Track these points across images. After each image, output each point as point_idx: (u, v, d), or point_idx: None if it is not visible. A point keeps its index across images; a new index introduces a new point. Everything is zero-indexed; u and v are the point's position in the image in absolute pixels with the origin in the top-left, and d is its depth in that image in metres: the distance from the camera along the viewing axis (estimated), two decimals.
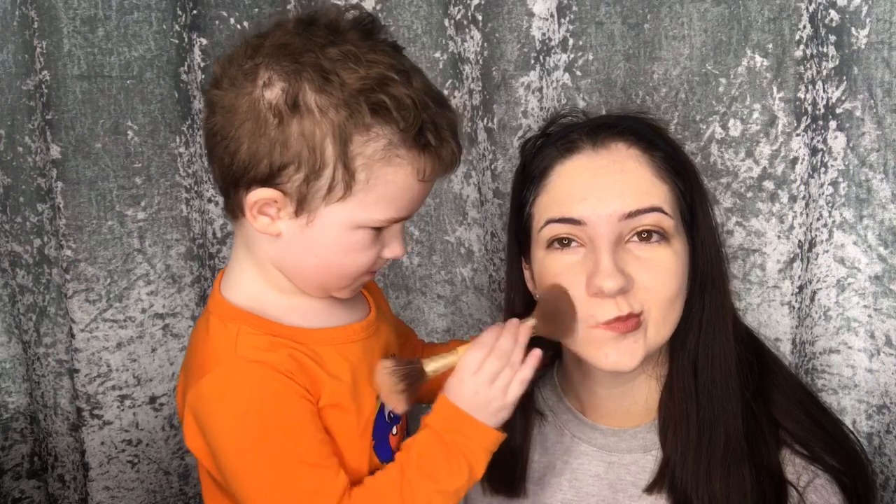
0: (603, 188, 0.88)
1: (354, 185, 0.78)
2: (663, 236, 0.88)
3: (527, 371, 0.85)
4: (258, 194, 0.79)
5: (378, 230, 0.83)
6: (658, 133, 0.94)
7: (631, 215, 0.87)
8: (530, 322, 0.88)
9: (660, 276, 0.87)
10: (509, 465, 0.98)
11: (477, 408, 0.83)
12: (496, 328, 0.87)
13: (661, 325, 0.88)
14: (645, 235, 0.87)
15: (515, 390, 0.84)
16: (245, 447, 0.79)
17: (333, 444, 0.83)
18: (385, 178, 0.79)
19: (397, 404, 0.84)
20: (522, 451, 0.99)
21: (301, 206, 0.79)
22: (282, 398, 0.79)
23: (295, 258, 0.83)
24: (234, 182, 0.81)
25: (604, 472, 0.95)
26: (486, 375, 0.83)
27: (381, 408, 0.89)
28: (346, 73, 0.77)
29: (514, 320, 0.88)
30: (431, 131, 0.80)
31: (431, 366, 0.86)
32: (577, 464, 0.97)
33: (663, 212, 0.88)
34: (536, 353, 0.86)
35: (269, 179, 0.79)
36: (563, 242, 0.89)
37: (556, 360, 1.04)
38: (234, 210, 0.84)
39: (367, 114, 0.77)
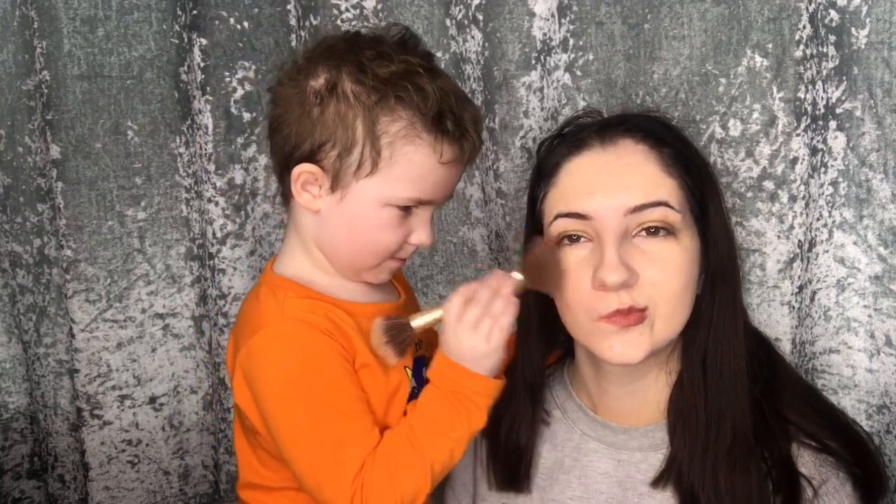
0: (609, 183, 0.88)
1: (380, 161, 0.90)
2: (670, 231, 0.88)
3: (505, 318, 0.90)
4: (300, 168, 0.92)
5: (405, 211, 0.93)
6: (669, 130, 0.94)
7: (637, 209, 0.87)
8: (514, 273, 0.92)
9: (666, 271, 0.87)
10: (514, 462, 0.99)
11: (465, 355, 0.90)
12: (462, 287, 0.92)
13: (668, 320, 0.88)
14: (652, 230, 0.88)
15: (497, 337, 0.89)
16: (289, 396, 0.89)
17: (369, 402, 0.91)
18: (406, 156, 0.91)
19: (386, 357, 0.91)
20: (527, 447, 0.99)
21: (336, 181, 0.91)
22: (323, 354, 0.90)
23: (330, 234, 0.94)
24: (285, 164, 0.94)
25: (613, 469, 0.95)
26: (467, 323, 0.89)
27: (418, 374, 0.97)
28: (379, 68, 0.90)
29: (498, 271, 0.93)
30: (451, 119, 0.91)
31: (417, 320, 0.92)
32: (586, 461, 0.98)
33: (669, 206, 0.88)
34: (514, 301, 0.91)
35: (310, 156, 0.92)
36: (572, 238, 0.90)
37: (566, 357, 1.05)
38: (286, 193, 0.96)
39: (392, 98, 0.89)
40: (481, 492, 1.03)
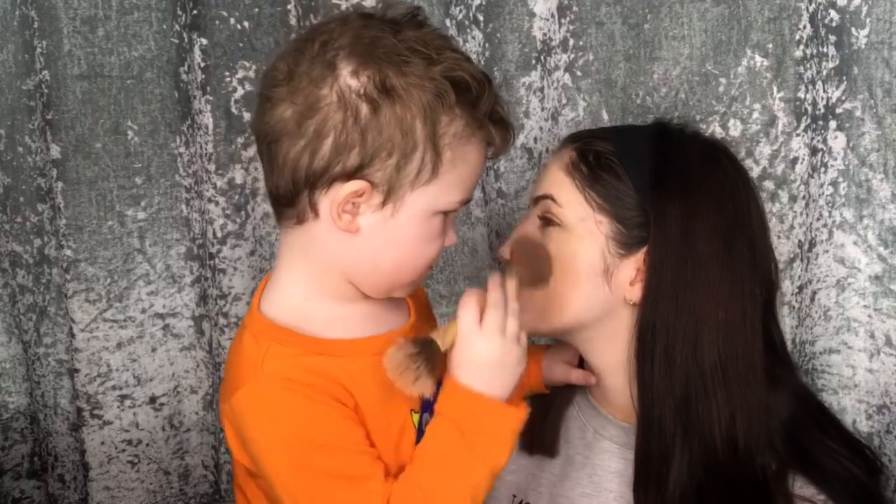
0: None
1: (441, 167, 0.79)
2: (552, 222, 0.94)
3: (520, 317, 0.82)
4: (348, 188, 0.78)
5: (446, 214, 0.83)
6: (628, 142, 0.96)
7: (534, 201, 0.98)
8: (513, 274, 0.86)
9: None
10: (543, 425, 1.02)
11: (497, 367, 0.79)
12: (468, 293, 0.84)
13: (542, 306, 0.95)
14: (543, 220, 0.96)
15: (523, 338, 0.82)
16: (281, 462, 0.78)
17: (374, 447, 0.80)
18: (465, 157, 0.81)
19: (424, 388, 0.78)
20: (558, 411, 1.03)
21: (389, 194, 0.79)
22: (309, 413, 0.78)
23: (372, 254, 0.82)
24: (310, 182, 0.79)
25: (624, 469, 0.96)
26: (492, 327, 0.79)
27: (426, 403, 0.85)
28: (421, 58, 0.77)
29: (496, 275, 0.86)
30: (500, 107, 0.82)
31: (441, 340, 0.80)
32: (598, 459, 0.99)
33: (553, 200, 0.94)
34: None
35: (358, 170, 0.78)
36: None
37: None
38: (301, 214, 0.81)
39: (451, 93, 0.77)
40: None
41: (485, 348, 0.79)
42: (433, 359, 0.78)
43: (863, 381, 1.22)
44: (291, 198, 0.81)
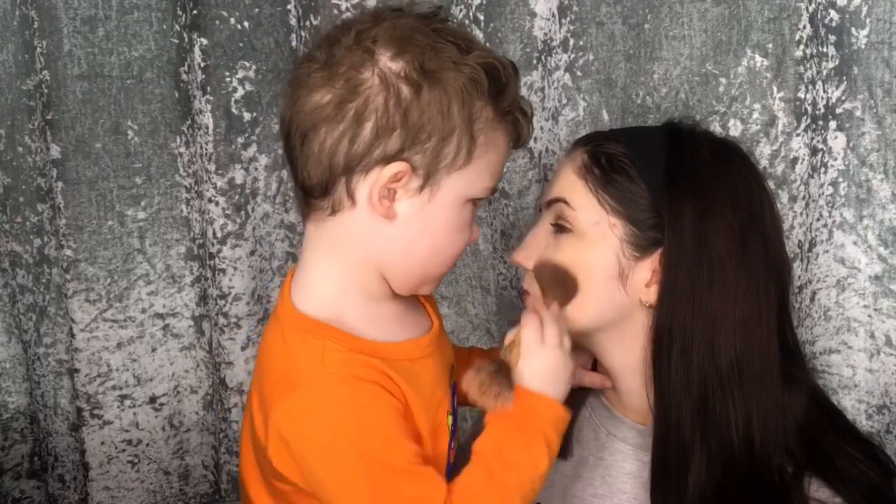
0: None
1: (475, 150, 0.80)
2: (564, 228, 0.94)
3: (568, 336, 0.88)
4: (390, 170, 0.79)
5: (474, 204, 0.85)
6: (637, 142, 0.96)
7: (546, 204, 0.97)
8: (552, 301, 0.91)
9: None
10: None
11: (554, 376, 0.84)
12: (528, 313, 0.90)
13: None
14: (555, 225, 0.95)
15: (573, 352, 0.88)
16: (344, 463, 0.78)
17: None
18: (495, 142, 0.83)
19: (506, 402, 0.83)
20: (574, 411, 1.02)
21: (427, 178, 0.80)
22: (376, 408, 0.79)
23: (407, 243, 0.82)
24: (349, 168, 0.79)
25: (637, 470, 0.96)
26: (552, 342, 0.85)
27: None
28: (452, 46, 0.79)
29: (538, 303, 0.92)
30: (524, 99, 0.85)
31: (507, 358, 0.87)
32: (611, 460, 0.98)
33: (566, 203, 0.94)
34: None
35: (399, 153, 0.78)
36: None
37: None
38: (337, 203, 0.81)
39: (484, 78, 0.79)
40: None
41: (546, 359, 0.85)
42: (509, 376, 0.85)
43: (863, 381, 1.22)
44: (326, 187, 0.81)
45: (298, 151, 0.82)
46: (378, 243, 0.82)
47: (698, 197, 0.91)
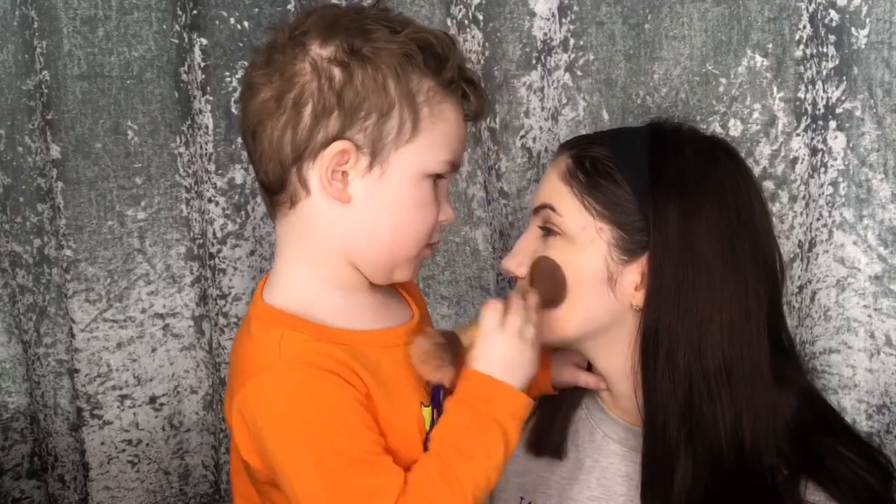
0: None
1: (420, 123, 0.82)
2: (552, 232, 0.94)
3: (536, 326, 0.87)
4: (332, 149, 0.80)
5: (436, 182, 0.85)
6: (622, 144, 0.96)
7: (535, 210, 0.97)
8: (535, 291, 0.91)
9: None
10: (551, 426, 1.03)
11: (513, 364, 0.84)
12: (495, 299, 0.89)
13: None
14: (544, 230, 0.95)
15: (537, 345, 0.87)
16: (298, 448, 0.78)
17: (385, 440, 0.81)
18: (443, 113, 0.83)
19: (445, 376, 0.83)
20: (567, 414, 1.03)
21: (374, 155, 0.81)
22: (331, 397, 0.79)
23: (368, 226, 0.84)
24: (297, 157, 0.81)
25: (633, 472, 0.95)
26: (511, 330, 0.85)
27: (438, 404, 0.88)
28: (384, 29, 0.81)
29: (518, 290, 0.91)
30: (470, 71, 0.86)
31: (464, 336, 0.86)
32: (606, 462, 0.98)
33: (552, 209, 0.94)
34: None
35: (340, 133, 0.80)
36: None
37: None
38: (294, 195, 0.83)
39: (417, 52, 0.81)
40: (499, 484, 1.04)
41: (503, 346, 0.84)
42: (457, 351, 0.84)
43: (863, 381, 1.22)
44: (282, 180, 0.83)
45: (253, 151, 0.84)
46: (339, 229, 0.83)
47: (682, 197, 0.90)
